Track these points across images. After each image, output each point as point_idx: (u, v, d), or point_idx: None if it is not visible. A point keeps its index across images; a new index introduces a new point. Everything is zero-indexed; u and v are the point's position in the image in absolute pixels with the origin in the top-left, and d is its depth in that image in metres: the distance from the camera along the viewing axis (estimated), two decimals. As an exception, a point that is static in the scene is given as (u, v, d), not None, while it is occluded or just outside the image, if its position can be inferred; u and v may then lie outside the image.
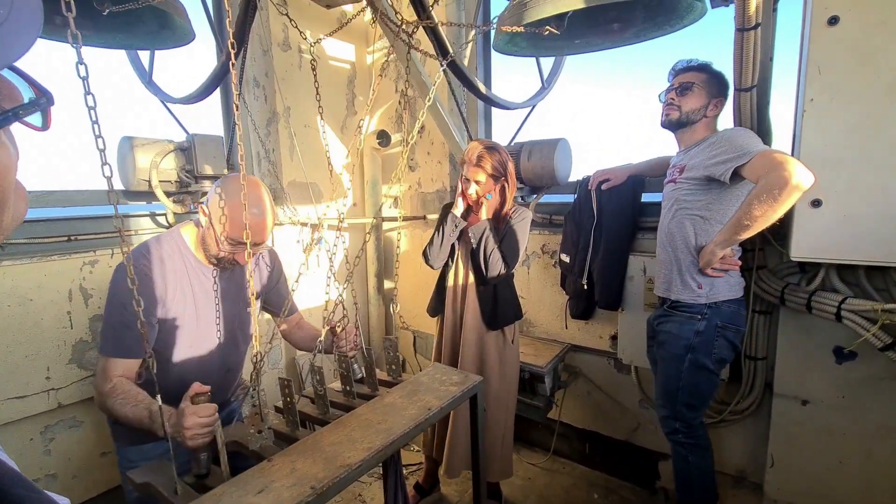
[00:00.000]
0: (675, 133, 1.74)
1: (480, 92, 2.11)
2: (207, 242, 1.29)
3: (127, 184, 2.06)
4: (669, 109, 1.68)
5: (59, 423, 1.87)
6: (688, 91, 1.65)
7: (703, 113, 1.65)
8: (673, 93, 1.68)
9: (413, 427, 1.09)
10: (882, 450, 1.67)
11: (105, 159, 0.71)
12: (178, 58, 2.49)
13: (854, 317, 1.55)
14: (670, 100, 1.68)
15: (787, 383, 1.82)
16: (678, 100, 1.67)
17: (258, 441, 1.06)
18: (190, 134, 2.14)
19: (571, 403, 2.51)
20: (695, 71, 1.65)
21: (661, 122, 1.73)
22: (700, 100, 1.64)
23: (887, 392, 1.64)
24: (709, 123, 1.67)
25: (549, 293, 2.50)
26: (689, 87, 1.64)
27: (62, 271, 1.83)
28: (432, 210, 2.89)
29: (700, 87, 1.64)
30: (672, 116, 1.68)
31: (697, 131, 1.68)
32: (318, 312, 2.83)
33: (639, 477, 2.32)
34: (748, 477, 2.07)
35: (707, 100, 1.64)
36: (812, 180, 1.35)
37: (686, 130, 1.69)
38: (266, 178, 2.61)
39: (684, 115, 1.66)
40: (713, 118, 1.67)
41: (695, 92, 1.64)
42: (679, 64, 1.70)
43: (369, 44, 3.02)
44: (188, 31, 1.84)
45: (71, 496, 1.98)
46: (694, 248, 1.63)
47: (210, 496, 0.86)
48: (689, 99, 1.65)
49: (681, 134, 1.72)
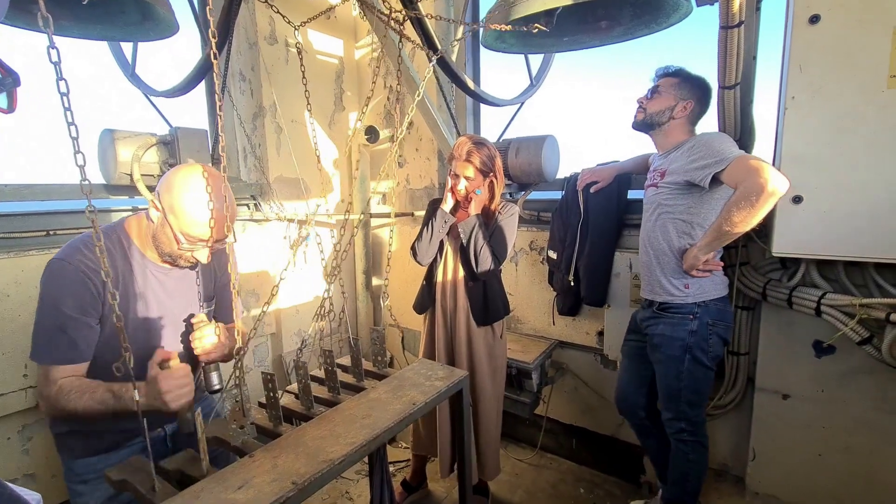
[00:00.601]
0: (648, 135, 1.77)
1: (469, 88, 2.11)
2: (161, 239, 1.18)
3: (108, 178, 2.02)
4: (637, 111, 1.75)
5: (37, 422, 1.83)
6: (654, 94, 1.71)
7: (670, 115, 1.68)
8: (644, 96, 1.74)
9: (398, 422, 1.08)
10: (859, 442, 1.71)
11: (78, 147, 0.69)
12: (163, 50, 2.45)
13: (833, 311, 1.59)
14: (639, 102, 1.75)
15: (768, 378, 1.85)
16: (646, 102, 1.73)
17: (240, 437, 1.04)
18: (173, 127, 2.10)
19: (558, 399, 2.52)
20: (668, 76, 1.71)
21: (632, 124, 1.78)
22: (665, 102, 1.68)
23: (864, 385, 1.68)
24: (682, 126, 1.70)
25: (536, 290, 2.51)
26: (655, 89, 1.71)
27: (40, 267, 1.77)
28: (420, 207, 2.88)
29: (666, 90, 1.68)
30: (638, 118, 1.74)
31: (671, 134, 1.70)
32: (304, 309, 2.81)
33: (624, 471, 2.35)
34: (730, 470, 2.11)
35: (674, 102, 1.67)
36: (787, 185, 1.39)
37: (658, 132, 1.73)
38: (252, 174, 2.58)
39: (649, 117, 1.71)
40: (683, 120, 1.69)
41: (661, 94, 1.69)
42: (658, 70, 1.75)
43: (357, 39, 3.00)
44: (172, 23, 1.80)
45: (50, 496, 1.94)
46: (678, 251, 1.65)
47: (189, 492, 0.85)
48: (655, 101, 1.70)
49: (654, 136, 1.76)
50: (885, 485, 1.68)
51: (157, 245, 1.21)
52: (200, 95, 2.47)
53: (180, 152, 2.07)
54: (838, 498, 1.77)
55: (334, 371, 1.27)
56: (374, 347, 1.42)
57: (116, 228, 1.24)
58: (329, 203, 2.97)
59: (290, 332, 2.77)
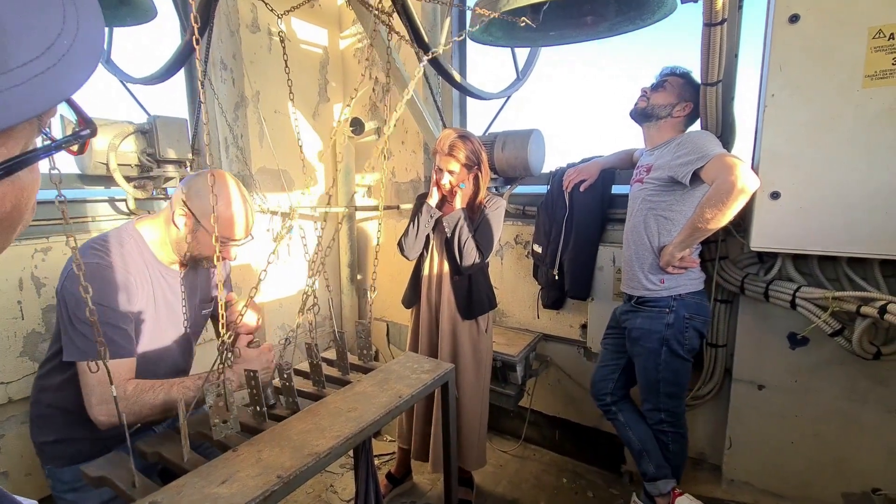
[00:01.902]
0: (641, 126, 1.79)
1: (456, 81, 2.10)
2: (190, 244, 1.23)
3: (83, 167, 1.95)
4: (640, 99, 1.76)
5: (10, 419, 1.77)
6: (660, 87, 1.73)
7: (670, 111, 1.71)
8: (648, 87, 1.76)
9: (384, 414, 1.08)
10: (829, 430, 1.78)
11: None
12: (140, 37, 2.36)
13: (807, 304, 1.64)
14: (643, 91, 1.76)
15: (745, 369, 1.91)
16: (650, 93, 1.74)
17: (223, 431, 1.03)
18: (151, 116, 2.04)
19: (542, 391, 2.55)
20: (676, 76, 1.73)
21: (630, 111, 1.80)
22: (669, 97, 1.71)
23: (835, 376, 1.74)
24: (675, 125, 1.73)
25: (522, 283, 2.53)
26: (662, 84, 1.73)
27: (12, 258, 1.73)
28: (406, 200, 2.87)
29: (672, 87, 1.71)
30: (640, 105, 1.76)
31: (664, 130, 1.73)
32: (287, 303, 2.78)
33: (606, 461, 2.39)
34: (707, 459, 2.17)
35: (676, 100, 1.70)
36: (757, 184, 1.44)
37: (652, 126, 1.75)
38: (234, 165, 2.52)
39: (650, 107, 1.73)
40: (680, 119, 1.72)
41: (666, 89, 1.72)
42: (665, 69, 1.77)
43: (342, 28, 2.95)
44: (149, 8, 1.75)
45: (24, 495, 1.89)
46: (657, 248, 1.69)
47: (172, 487, 0.84)
48: (660, 94, 1.72)
49: (647, 128, 1.78)
50: (854, 470, 1.76)
51: (180, 249, 1.25)
52: (179, 84, 2.40)
53: (159, 142, 2.01)
54: (809, 483, 1.84)
55: (319, 365, 1.26)
56: (359, 341, 1.42)
57: (130, 231, 1.26)
58: (313, 195, 2.93)
59: (274, 325, 2.74)
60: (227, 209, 1.20)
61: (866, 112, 1.41)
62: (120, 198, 2.09)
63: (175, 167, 2.11)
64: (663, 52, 2.25)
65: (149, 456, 0.98)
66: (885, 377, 1.67)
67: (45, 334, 1.81)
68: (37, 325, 1.79)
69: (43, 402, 1.23)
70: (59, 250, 1.84)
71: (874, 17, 1.37)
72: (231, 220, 1.21)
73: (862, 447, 1.73)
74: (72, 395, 1.15)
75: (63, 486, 1.21)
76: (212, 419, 1.02)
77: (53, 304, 1.81)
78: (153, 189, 2.06)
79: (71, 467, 1.20)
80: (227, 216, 1.20)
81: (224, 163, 2.48)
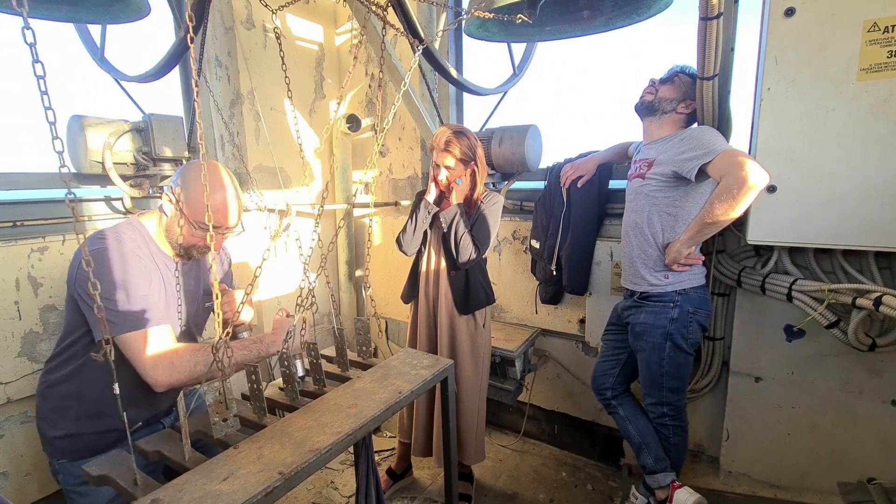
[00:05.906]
0: (643, 120, 1.79)
1: (452, 77, 2.09)
2: (173, 230, 1.24)
3: (78, 166, 1.94)
4: (647, 92, 1.76)
5: (9, 420, 1.77)
6: (668, 81, 1.73)
7: (675, 107, 1.71)
8: (657, 79, 1.76)
9: (384, 410, 1.09)
10: (825, 421, 1.80)
11: (56, 133, 0.66)
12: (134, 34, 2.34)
13: (803, 297, 1.65)
14: (651, 82, 1.76)
15: (742, 361, 1.92)
16: (658, 86, 1.74)
17: (223, 429, 1.03)
18: (147, 114, 2.03)
19: (541, 386, 2.57)
20: (685, 74, 1.73)
21: (636, 103, 1.79)
22: (676, 93, 1.71)
23: (831, 367, 1.76)
24: (677, 121, 1.73)
25: (519, 279, 2.54)
26: (671, 79, 1.73)
27: (8, 258, 1.72)
28: (404, 196, 2.86)
29: (681, 84, 1.71)
30: (647, 98, 1.75)
31: (665, 125, 1.73)
32: (286, 300, 2.78)
33: (604, 455, 2.41)
34: (705, 451, 2.19)
35: (683, 96, 1.70)
36: (767, 180, 1.44)
37: (654, 120, 1.75)
38: (231, 162, 2.51)
39: (657, 101, 1.73)
40: (682, 117, 1.72)
41: (675, 84, 1.71)
42: (675, 67, 1.77)
43: (338, 25, 2.93)
44: (143, 5, 1.72)
45: (24, 495, 1.89)
46: (661, 244, 1.68)
47: (173, 485, 0.84)
48: (668, 88, 1.72)
49: (649, 122, 1.77)
50: (849, 460, 1.77)
51: (171, 237, 1.27)
52: (174, 81, 2.39)
53: (155, 140, 2.00)
54: (806, 474, 1.86)
55: (318, 362, 1.26)
56: (358, 338, 1.42)
57: (134, 224, 1.28)
58: (311, 193, 2.92)
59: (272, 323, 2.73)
60: (211, 196, 1.18)
61: (861, 105, 1.42)
62: (116, 197, 2.08)
63: (171, 165, 2.09)
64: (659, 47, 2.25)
65: (150, 455, 0.98)
66: (881, 368, 1.68)
67: (43, 334, 1.80)
68: (34, 326, 1.79)
69: (56, 395, 1.25)
70: (56, 250, 1.84)
71: (869, 10, 1.37)
72: (215, 207, 1.20)
73: (857, 438, 1.75)
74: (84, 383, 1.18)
75: (74, 481, 1.23)
76: (211, 418, 1.03)
77: (51, 304, 1.81)
78: (149, 187, 2.05)
79: (81, 461, 1.22)
80: (213, 203, 1.18)
81: (220, 160, 2.47)
